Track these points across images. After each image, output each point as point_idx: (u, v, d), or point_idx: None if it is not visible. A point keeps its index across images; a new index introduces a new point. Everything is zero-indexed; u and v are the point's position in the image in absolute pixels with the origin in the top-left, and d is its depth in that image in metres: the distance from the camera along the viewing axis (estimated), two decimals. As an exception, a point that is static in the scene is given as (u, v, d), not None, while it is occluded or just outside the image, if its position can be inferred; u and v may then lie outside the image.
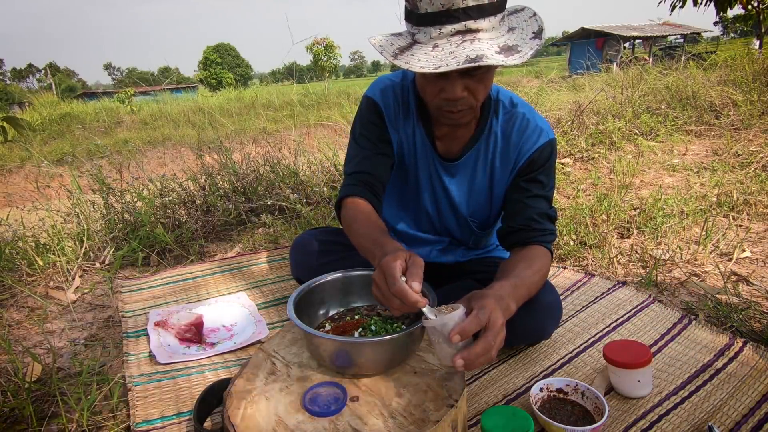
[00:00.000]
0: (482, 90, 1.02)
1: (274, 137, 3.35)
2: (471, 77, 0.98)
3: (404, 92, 1.23)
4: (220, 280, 1.87)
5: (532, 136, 1.16)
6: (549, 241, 1.14)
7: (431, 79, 0.99)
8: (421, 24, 0.93)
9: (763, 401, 1.04)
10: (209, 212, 2.51)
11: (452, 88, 0.97)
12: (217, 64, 47.03)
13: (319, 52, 20.76)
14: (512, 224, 1.16)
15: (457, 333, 0.77)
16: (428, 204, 1.32)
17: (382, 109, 1.22)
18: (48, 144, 9.97)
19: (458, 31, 0.91)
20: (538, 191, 1.16)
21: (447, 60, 0.88)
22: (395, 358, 0.95)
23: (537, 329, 1.21)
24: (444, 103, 1.02)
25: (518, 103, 1.20)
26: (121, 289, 1.81)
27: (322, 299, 1.12)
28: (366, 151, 1.21)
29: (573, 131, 3.80)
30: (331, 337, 0.92)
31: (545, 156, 1.16)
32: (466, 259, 1.42)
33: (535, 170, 1.17)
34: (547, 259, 1.11)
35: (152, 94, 17.23)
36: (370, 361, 0.93)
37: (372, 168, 1.19)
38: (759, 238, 1.93)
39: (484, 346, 0.78)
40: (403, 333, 0.90)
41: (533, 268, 1.05)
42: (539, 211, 1.15)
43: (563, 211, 2.31)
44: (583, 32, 22.49)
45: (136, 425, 1.08)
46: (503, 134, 1.19)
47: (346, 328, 1.03)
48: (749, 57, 5.38)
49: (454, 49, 0.89)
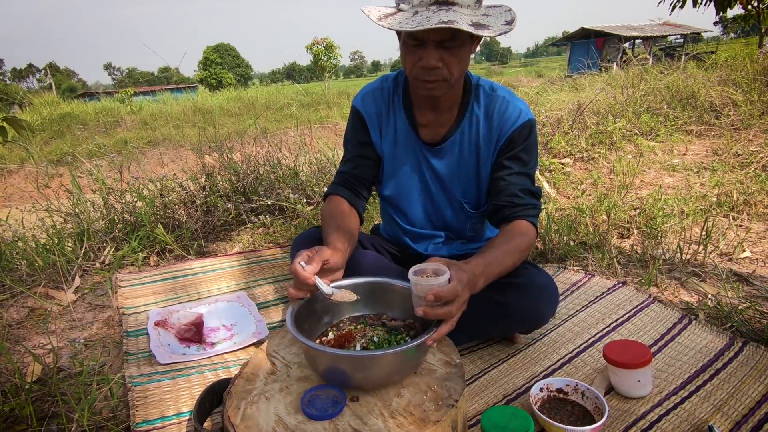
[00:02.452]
0: (456, 63, 1.09)
1: (275, 137, 3.34)
2: (446, 49, 1.07)
3: (384, 93, 1.33)
4: (220, 277, 1.87)
5: (512, 116, 1.23)
6: (533, 215, 1.20)
7: (411, 48, 1.10)
8: None
9: (763, 401, 1.04)
10: (209, 212, 2.51)
11: (428, 56, 1.07)
12: (217, 64, 47.02)
13: (319, 52, 20.76)
14: (497, 201, 1.23)
15: (433, 294, 0.86)
16: (420, 191, 1.36)
17: (364, 115, 1.34)
18: (48, 144, 9.98)
19: (437, 1, 1.02)
20: (519, 168, 1.23)
21: (423, 22, 0.98)
22: (398, 372, 0.92)
23: (533, 312, 1.23)
24: (421, 72, 1.10)
25: (498, 88, 1.28)
26: (121, 284, 1.81)
27: (326, 307, 1.09)
28: (349, 154, 1.37)
29: (573, 131, 3.80)
30: (326, 350, 0.89)
31: (525, 134, 1.23)
32: (464, 252, 1.44)
33: (516, 148, 1.23)
34: (529, 233, 1.18)
35: (152, 93, 17.23)
36: (368, 376, 0.90)
37: (355, 169, 1.35)
38: (759, 238, 1.93)
39: (447, 311, 0.88)
40: (407, 346, 0.87)
41: (510, 245, 1.12)
42: (522, 187, 1.22)
43: (563, 211, 2.31)
44: (583, 32, 22.49)
45: (136, 425, 1.08)
46: (485, 116, 1.26)
47: (348, 338, 1.01)
48: (749, 57, 5.38)
49: (430, 15, 1.00)
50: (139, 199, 2.43)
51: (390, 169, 1.37)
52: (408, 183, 1.36)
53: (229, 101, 13.93)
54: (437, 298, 0.86)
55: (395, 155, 1.34)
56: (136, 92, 17.50)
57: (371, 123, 1.34)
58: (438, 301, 0.87)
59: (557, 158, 3.39)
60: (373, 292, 1.11)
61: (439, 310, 0.88)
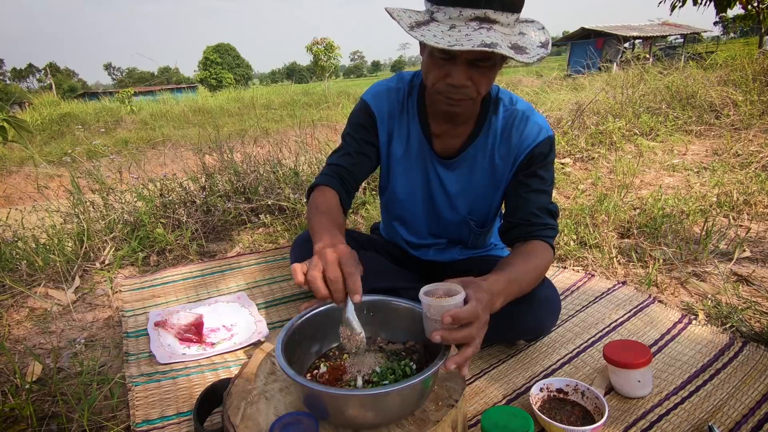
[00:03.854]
0: (485, 83, 1.03)
1: (275, 137, 3.34)
2: (477, 68, 0.99)
3: (399, 95, 1.25)
4: (220, 279, 1.87)
5: (532, 133, 1.17)
6: (550, 236, 1.15)
7: (439, 62, 1.00)
8: (442, 3, 0.94)
9: (763, 401, 1.04)
10: (209, 212, 2.51)
11: (458, 74, 0.99)
12: (217, 64, 47.01)
13: (319, 52, 20.77)
14: (513, 219, 1.17)
15: (450, 317, 0.79)
16: (425, 203, 1.32)
17: (375, 113, 1.25)
18: (48, 144, 9.98)
19: (477, 17, 0.92)
20: (537, 186, 1.17)
21: (462, 41, 0.89)
22: (406, 406, 0.82)
23: (535, 325, 1.22)
24: (446, 88, 1.03)
25: (517, 101, 1.22)
26: (121, 288, 1.81)
27: (315, 334, 0.99)
28: (349, 148, 1.26)
29: (573, 131, 3.80)
30: (326, 390, 0.78)
31: (544, 152, 1.17)
32: (464, 257, 1.43)
33: (535, 165, 1.18)
34: (546, 255, 1.11)
35: (152, 94, 17.23)
36: (375, 413, 0.79)
37: (350, 165, 1.25)
38: (759, 238, 1.93)
39: (467, 334, 0.80)
40: (423, 376, 0.77)
41: (529, 265, 1.06)
42: (539, 205, 1.16)
43: (563, 211, 2.31)
44: (583, 32, 22.49)
45: (136, 425, 1.08)
46: (503, 131, 1.20)
47: (344, 371, 0.92)
48: (749, 57, 5.38)
49: (470, 33, 0.91)
50: (139, 199, 2.43)
51: (396, 176, 1.30)
52: (414, 194, 1.31)
53: (229, 101, 13.94)
54: (455, 320, 0.78)
55: (405, 163, 1.28)
56: (136, 92, 17.49)
57: (381, 123, 1.26)
58: (456, 323, 0.79)
59: (557, 158, 3.39)
60: (366, 311, 1.01)
61: (458, 334, 0.80)
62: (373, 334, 1.03)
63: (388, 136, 1.27)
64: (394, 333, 1.03)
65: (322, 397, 0.79)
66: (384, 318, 1.03)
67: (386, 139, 1.27)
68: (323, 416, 0.81)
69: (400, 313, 1.00)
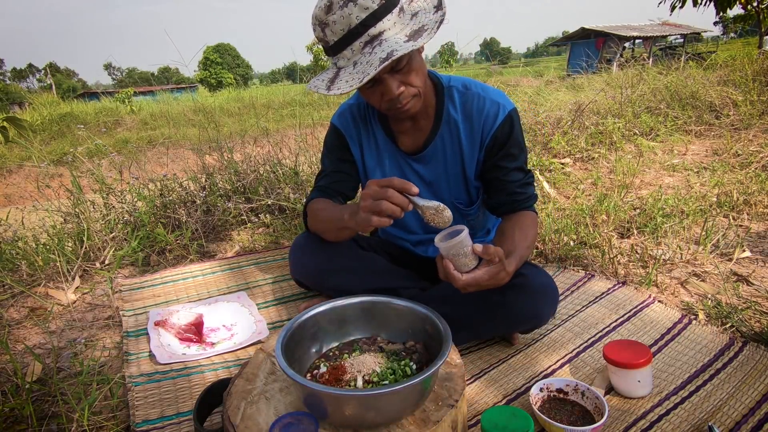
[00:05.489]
0: (415, 77, 1.08)
1: (275, 137, 3.34)
2: (399, 72, 1.05)
3: (360, 109, 1.33)
4: (221, 279, 1.87)
5: (491, 113, 1.21)
6: (533, 204, 1.27)
7: (369, 91, 1.08)
8: (336, 52, 1.04)
9: (763, 401, 1.04)
10: (209, 212, 2.51)
11: (388, 88, 1.05)
12: (217, 64, 46.99)
13: (319, 52, 20.76)
14: (498, 199, 1.27)
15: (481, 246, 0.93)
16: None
17: (342, 132, 1.34)
18: (48, 144, 9.98)
19: (365, 42, 1.00)
20: (512, 164, 1.24)
21: (368, 69, 0.96)
22: (406, 406, 0.82)
23: (533, 313, 1.21)
24: (389, 104, 1.09)
25: (470, 85, 1.26)
26: (121, 288, 1.81)
27: (315, 334, 1.00)
28: (327, 170, 1.36)
29: (573, 131, 3.79)
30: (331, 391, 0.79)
31: (508, 129, 1.22)
32: None
33: (504, 145, 1.23)
34: (535, 223, 1.24)
35: (152, 94, 17.23)
36: (375, 413, 0.80)
37: (334, 183, 1.34)
38: (759, 238, 1.93)
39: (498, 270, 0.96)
40: (426, 374, 0.78)
41: (528, 239, 1.16)
42: (519, 182, 1.25)
43: (563, 211, 2.31)
44: (583, 32, 22.46)
45: (136, 425, 1.08)
46: (464, 117, 1.24)
47: (345, 371, 0.92)
48: (749, 57, 5.38)
49: (369, 58, 0.98)
50: (139, 199, 2.43)
51: None
52: None
53: (229, 101, 13.93)
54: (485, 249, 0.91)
55: (380, 168, 1.34)
56: (136, 92, 17.49)
57: (351, 139, 1.33)
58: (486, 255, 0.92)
59: (557, 158, 3.39)
60: (365, 312, 1.03)
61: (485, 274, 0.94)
62: (373, 335, 1.04)
63: (360, 148, 1.35)
64: (394, 333, 1.03)
65: (322, 397, 0.79)
66: (384, 318, 1.03)
67: (359, 152, 1.35)
68: (323, 416, 0.82)
69: (400, 313, 1.01)
